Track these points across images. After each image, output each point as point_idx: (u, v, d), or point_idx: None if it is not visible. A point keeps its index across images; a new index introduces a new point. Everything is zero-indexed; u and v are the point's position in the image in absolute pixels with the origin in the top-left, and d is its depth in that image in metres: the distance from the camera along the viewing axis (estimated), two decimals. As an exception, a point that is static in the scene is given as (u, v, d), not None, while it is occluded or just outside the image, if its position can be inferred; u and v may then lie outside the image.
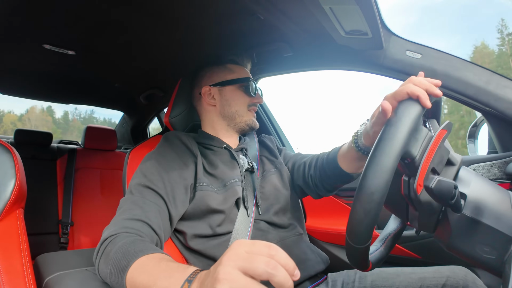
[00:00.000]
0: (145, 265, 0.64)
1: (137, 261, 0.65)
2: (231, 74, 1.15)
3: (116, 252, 0.69)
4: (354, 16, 0.96)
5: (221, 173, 1.00)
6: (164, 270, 0.60)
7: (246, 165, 1.08)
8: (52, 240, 2.08)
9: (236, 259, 0.45)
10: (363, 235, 0.54)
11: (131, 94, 2.27)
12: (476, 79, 1.03)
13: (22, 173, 0.81)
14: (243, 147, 1.15)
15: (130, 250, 0.68)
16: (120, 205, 0.87)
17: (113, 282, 0.68)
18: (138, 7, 1.09)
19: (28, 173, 0.85)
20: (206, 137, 1.12)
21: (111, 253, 0.70)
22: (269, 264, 0.42)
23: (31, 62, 1.66)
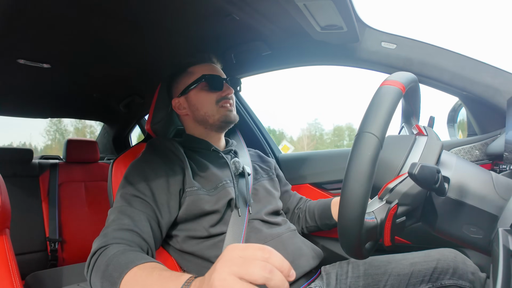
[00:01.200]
0: (137, 276, 0.63)
1: (128, 272, 0.64)
2: (192, 77, 1.11)
3: (107, 264, 0.68)
4: (329, 11, 0.97)
5: (211, 175, 1.00)
6: (157, 280, 0.59)
7: (240, 168, 1.06)
8: (41, 258, 2.02)
9: (231, 265, 0.44)
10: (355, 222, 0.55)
11: (110, 103, 2.24)
12: (451, 65, 1.05)
13: (4, 191, 0.79)
14: (231, 149, 1.14)
15: (121, 262, 0.67)
16: (109, 216, 0.85)
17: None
18: (111, 15, 1.07)
19: (10, 191, 0.83)
20: (193, 141, 1.10)
21: (102, 266, 0.69)
22: (265, 268, 0.42)
23: (6, 78, 1.62)
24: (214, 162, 1.05)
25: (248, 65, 1.48)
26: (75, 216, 2.22)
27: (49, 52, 1.34)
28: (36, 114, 2.47)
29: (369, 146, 0.52)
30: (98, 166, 2.51)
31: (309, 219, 1.18)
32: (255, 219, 1.00)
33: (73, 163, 2.43)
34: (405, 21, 56.52)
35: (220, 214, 0.94)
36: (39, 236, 2.07)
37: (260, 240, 0.94)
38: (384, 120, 0.54)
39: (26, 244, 2.00)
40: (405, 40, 1.10)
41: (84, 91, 1.99)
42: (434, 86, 1.10)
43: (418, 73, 1.08)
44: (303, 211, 1.21)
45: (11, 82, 1.68)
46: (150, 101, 1.23)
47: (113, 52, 1.39)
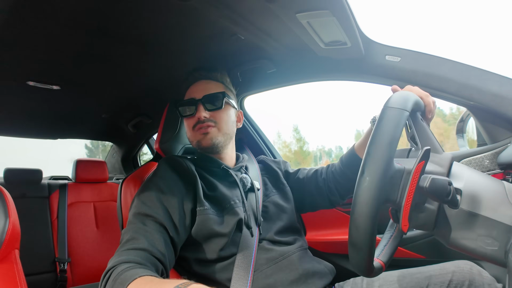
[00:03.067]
0: (139, 284, 0.63)
1: (132, 282, 0.64)
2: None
3: (115, 279, 0.68)
4: (332, 27, 0.99)
5: (220, 195, 0.98)
6: (156, 283, 0.61)
7: (249, 184, 1.06)
8: (50, 279, 2.03)
9: None
10: (365, 242, 0.54)
11: (119, 123, 2.27)
12: (457, 75, 1.05)
13: (14, 213, 0.80)
14: (242, 165, 1.12)
15: (127, 275, 0.67)
16: (123, 236, 0.84)
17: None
18: (119, 37, 1.10)
19: (20, 212, 0.84)
20: (204, 159, 1.09)
21: (110, 282, 0.69)
22: None
23: (17, 100, 1.66)
24: (223, 180, 1.04)
25: (254, 82, 1.50)
26: (84, 237, 2.22)
27: (58, 74, 1.38)
28: (45, 135, 2.51)
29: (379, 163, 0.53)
30: (107, 186, 2.53)
31: (341, 179, 1.12)
32: (265, 239, 0.98)
33: (82, 183, 2.45)
34: (409, 33, 56.52)
35: (229, 236, 0.93)
36: (49, 256, 2.08)
37: (270, 261, 0.93)
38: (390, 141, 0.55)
39: (35, 265, 2.00)
40: (409, 52, 1.11)
41: (93, 112, 2.02)
42: (441, 97, 1.10)
43: (423, 84, 1.08)
44: (331, 180, 1.15)
45: (22, 104, 1.72)
46: (158, 121, 1.25)
47: (121, 73, 1.41)
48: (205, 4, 0.92)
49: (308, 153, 11.59)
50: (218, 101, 1.05)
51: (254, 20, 1.03)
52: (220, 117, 1.06)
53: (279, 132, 15.76)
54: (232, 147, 1.13)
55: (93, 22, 1.00)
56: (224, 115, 1.07)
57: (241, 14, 0.99)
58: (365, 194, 0.53)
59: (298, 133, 13.17)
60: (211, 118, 1.05)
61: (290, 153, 13.11)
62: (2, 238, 0.75)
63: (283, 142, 13.11)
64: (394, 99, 0.61)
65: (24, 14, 0.93)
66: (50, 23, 0.99)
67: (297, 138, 13.19)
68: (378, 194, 0.53)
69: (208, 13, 0.97)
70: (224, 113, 1.07)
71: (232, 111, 1.11)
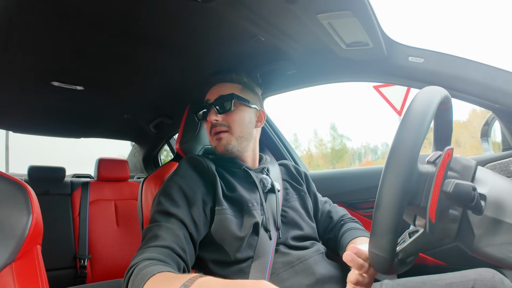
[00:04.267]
0: (156, 279, 0.65)
1: (150, 278, 0.65)
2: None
3: (136, 275, 0.69)
4: (354, 28, 0.98)
5: (239, 196, 0.98)
6: (169, 279, 0.62)
7: (269, 185, 1.05)
8: (70, 275, 2.08)
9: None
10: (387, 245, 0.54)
11: (140, 124, 2.31)
12: (482, 77, 1.02)
13: (37, 209, 0.82)
14: (264, 167, 1.12)
15: (147, 270, 0.68)
16: (144, 234, 0.86)
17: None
18: (141, 39, 1.12)
19: (43, 209, 0.86)
20: (224, 159, 1.08)
21: (132, 278, 0.70)
22: None
23: (41, 100, 1.71)
24: (243, 182, 1.04)
25: (274, 84, 1.50)
26: (104, 234, 2.27)
27: (82, 75, 1.41)
28: (69, 134, 2.57)
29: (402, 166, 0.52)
30: (128, 185, 2.58)
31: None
32: (282, 243, 0.98)
33: (104, 182, 2.50)
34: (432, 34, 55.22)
35: (245, 238, 0.92)
36: (69, 252, 2.14)
37: (287, 265, 0.92)
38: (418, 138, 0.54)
39: (56, 260, 2.06)
40: (433, 53, 1.09)
41: (116, 112, 2.06)
42: (465, 99, 1.08)
43: (447, 86, 1.05)
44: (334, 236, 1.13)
45: (46, 104, 1.78)
46: (179, 121, 1.26)
47: (143, 75, 1.44)
48: (226, 6, 0.92)
49: (345, 151, 11.42)
50: (228, 104, 1.05)
51: (275, 22, 1.03)
52: (232, 120, 1.05)
53: (315, 129, 15.65)
54: (253, 148, 1.12)
55: (116, 24, 1.02)
56: (236, 117, 1.06)
57: (262, 15, 0.99)
58: (389, 193, 0.53)
59: (335, 131, 13.03)
60: (223, 122, 1.05)
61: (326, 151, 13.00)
62: (25, 233, 0.76)
63: (319, 139, 13.01)
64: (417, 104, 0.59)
65: (49, 17, 0.96)
66: (74, 26, 1.01)
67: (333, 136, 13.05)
68: (402, 196, 0.52)
69: (229, 15, 0.98)
70: (236, 115, 1.06)
71: (247, 112, 1.09)
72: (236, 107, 1.06)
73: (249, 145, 1.09)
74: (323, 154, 12.83)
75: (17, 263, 0.75)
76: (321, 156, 11.94)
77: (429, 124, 0.56)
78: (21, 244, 0.76)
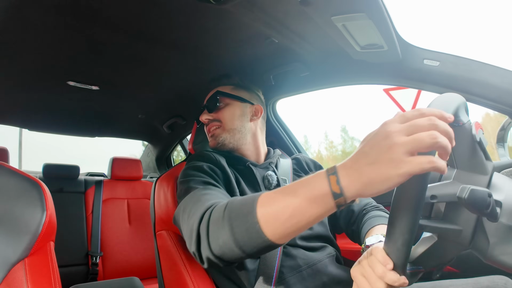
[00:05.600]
0: (271, 196, 0.61)
1: (260, 198, 0.62)
2: None
3: (229, 210, 0.65)
4: (368, 30, 0.97)
5: (242, 191, 0.98)
6: (295, 185, 0.57)
7: (274, 182, 1.04)
8: (82, 271, 2.11)
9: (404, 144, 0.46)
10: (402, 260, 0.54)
11: (154, 124, 2.33)
12: (499, 81, 1.00)
13: (51, 206, 0.83)
14: (271, 161, 1.11)
15: (244, 198, 0.65)
16: (185, 204, 0.80)
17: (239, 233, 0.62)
18: (157, 41, 1.13)
19: (57, 206, 0.87)
20: (231, 157, 1.08)
21: (222, 213, 0.66)
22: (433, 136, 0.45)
23: (57, 99, 1.74)
24: (247, 179, 1.03)
25: (287, 86, 1.50)
26: (116, 232, 2.30)
27: (97, 75, 1.44)
28: (84, 133, 2.61)
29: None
30: (141, 184, 2.60)
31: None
32: (288, 244, 0.95)
33: (117, 180, 2.53)
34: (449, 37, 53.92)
35: None
36: (82, 249, 2.17)
37: (294, 269, 0.90)
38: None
39: (69, 257, 2.09)
40: (449, 56, 1.07)
41: (130, 112, 2.09)
42: (481, 103, 1.05)
43: (463, 90, 1.04)
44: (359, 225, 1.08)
45: (62, 103, 1.81)
46: (192, 122, 1.27)
47: (157, 76, 1.46)
48: (240, 8, 0.93)
49: None
50: (215, 102, 1.10)
51: (289, 24, 1.03)
52: (222, 116, 1.09)
53: (326, 132, 15.52)
54: (252, 142, 1.11)
55: (132, 25, 1.04)
56: (226, 113, 1.09)
57: (276, 17, 0.99)
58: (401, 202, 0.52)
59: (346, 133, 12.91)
60: (215, 119, 1.09)
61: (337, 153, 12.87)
62: (39, 230, 0.77)
63: (330, 142, 12.90)
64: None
65: (66, 18, 0.98)
66: (91, 27, 1.04)
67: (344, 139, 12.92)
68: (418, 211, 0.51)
69: (243, 16, 0.98)
70: (226, 111, 1.09)
71: (238, 107, 1.11)
72: (225, 104, 1.10)
73: (245, 137, 1.10)
74: (334, 156, 12.71)
75: (30, 259, 0.76)
76: (332, 158, 11.83)
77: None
78: (34, 240, 0.77)
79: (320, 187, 0.53)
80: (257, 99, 1.16)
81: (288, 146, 1.71)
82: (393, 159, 0.46)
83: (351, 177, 0.50)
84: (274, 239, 0.59)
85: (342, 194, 0.51)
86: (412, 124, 0.47)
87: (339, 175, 0.51)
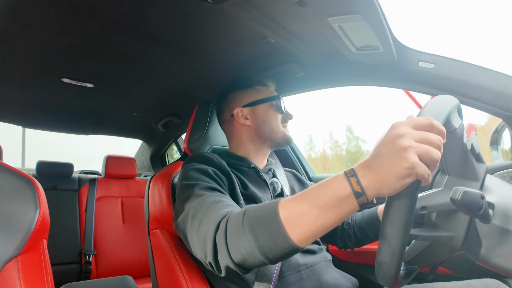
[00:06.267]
0: (291, 201, 0.61)
1: (280, 204, 0.62)
2: (261, 94, 1.13)
3: (249, 218, 0.65)
4: (364, 32, 0.97)
5: (252, 193, 0.97)
6: (316, 189, 0.59)
7: (279, 189, 1.05)
8: (75, 270, 2.10)
9: (416, 148, 0.49)
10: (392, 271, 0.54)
11: (149, 122, 2.32)
12: (494, 84, 1.01)
13: (45, 204, 0.82)
14: (271, 168, 1.12)
15: (264, 206, 0.65)
16: (195, 211, 0.79)
17: (263, 240, 0.62)
18: (152, 38, 1.13)
19: (50, 204, 0.87)
20: (234, 158, 1.09)
21: (241, 221, 0.65)
22: (439, 155, 0.50)
23: (51, 96, 1.73)
24: (253, 181, 1.03)
25: (283, 86, 1.50)
26: (110, 231, 2.29)
27: (92, 73, 1.43)
28: (78, 130, 2.60)
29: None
30: (135, 183, 2.59)
31: (359, 233, 1.11)
32: None
33: (111, 179, 2.52)
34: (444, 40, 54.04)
35: None
36: (75, 248, 2.15)
37: (293, 269, 0.91)
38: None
39: (62, 255, 2.08)
40: (444, 59, 1.08)
41: (125, 110, 2.08)
42: (475, 106, 1.06)
43: (458, 93, 1.05)
44: (352, 227, 1.14)
45: (56, 100, 1.79)
46: (187, 121, 1.27)
47: (153, 74, 1.45)
48: (237, 7, 0.93)
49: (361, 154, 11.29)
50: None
51: (285, 24, 1.03)
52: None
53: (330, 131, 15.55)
54: (256, 148, 1.12)
55: (128, 23, 1.03)
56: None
57: (273, 17, 0.99)
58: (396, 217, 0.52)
59: (351, 133, 12.93)
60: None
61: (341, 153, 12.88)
62: (32, 227, 0.77)
63: (334, 141, 12.90)
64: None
65: (61, 14, 0.97)
66: (86, 23, 1.03)
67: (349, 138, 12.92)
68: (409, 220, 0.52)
69: (240, 16, 0.98)
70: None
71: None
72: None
73: (252, 143, 1.12)
74: (338, 156, 12.75)
75: (23, 256, 0.76)
76: (336, 158, 11.81)
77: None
78: (27, 238, 0.76)
79: (342, 188, 0.55)
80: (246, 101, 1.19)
81: (285, 150, 1.71)
82: (406, 158, 0.49)
83: (369, 178, 0.53)
84: (299, 243, 0.60)
85: (364, 193, 0.54)
86: (425, 137, 0.50)
87: (359, 176, 0.54)
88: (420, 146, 0.49)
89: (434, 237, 0.62)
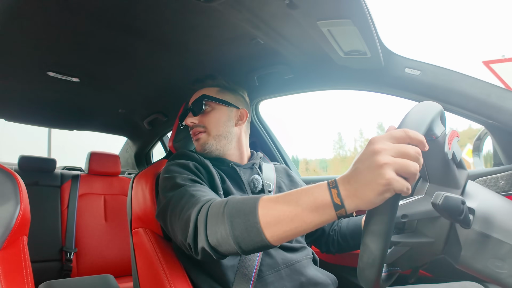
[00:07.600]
0: (272, 200, 0.63)
1: (261, 200, 0.64)
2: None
3: (230, 207, 0.67)
4: (352, 36, 0.98)
5: (228, 188, 0.98)
6: (297, 193, 0.60)
7: (260, 186, 1.04)
8: (55, 267, 2.06)
9: (394, 163, 0.50)
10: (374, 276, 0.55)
11: (134, 119, 2.30)
12: (477, 92, 1.03)
13: (26, 200, 0.81)
14: (254, 162, 1.11)
15: (246, 199, 0.67)
16: (176, 200, 0.82)
17: (239, 230, 0.65)
18: (140, 35, 1.12)
19: (32, 199, 0.85)
20: (212, 158, 1.08)
21: (223, 211, 0.67)
22: (417, 168, 0.50)
23: (35, 89, 1.69)
24: (232, 180, 1.03)
25: (271, 87, 1.50)
26: (92, 228, 2.25)
27: (78, 67, 1.40)
28: (62, 125, 2.55)
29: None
30: (119, 180, 2.56)
31: (342, 241, 1.12)
32: None
33: (94, 176, 2.48)
34: (430, 47, 54.90)
35: None
36: (56, 245, 2.11)
37: (273, 267, 0.91)
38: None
39: (42, 252, 2.03)
40: (429, 66, 1.10)
41: (110, 107, 2.05)
42: (458, 113, 1.09)
43: (442, 100, 1.06)
44: (337, 233, 1.14)
45: (40, 94, 1.76)
46: (173, 119, 1.26)
47: (140, 70, 1.43)
48: (228, 7, 0.93)
49: None
50: (201, 105, 1.08)
51: (275, 26, 1.03)
52: (207, 121, 1.08)
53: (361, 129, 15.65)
54: (237, 146, 1.12)
55: (116, 18, 1.02)
56: (211, 118, 1.08)
57: (263, 19, 0.99)
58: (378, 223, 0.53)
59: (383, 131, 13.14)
60: (200, 124, 1.08)
61: None
62: (12, 223, 0.75)
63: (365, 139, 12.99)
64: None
65: (47, 6, 0.95)
66: (74, 17, 1.01)
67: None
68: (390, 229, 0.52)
69: (230, 16, 0.98)
70: (211, 116, 1.09)
71: (224, 111, 1.10)
72: (211, 108, 1.09)
73: (230, 143, 1.10)
74: None
75: (2, 252, 0.74)
76: None
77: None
78: (7, 234, 0.75)
79: (322, 197, 0.57)
80: (242, 102, 1.16)
81: (269, 147, 1.71)
82: (382, 175, 0.49)
83: (349, 192, 0.54)
84: (271, 241, 0.62)
85: (343, 206, 0.55)
86: (402, 151, 0.51)
87: (340, 189, 0.55)
88: (397, 161, 0.50)
89: (415, 243, 0.64)
